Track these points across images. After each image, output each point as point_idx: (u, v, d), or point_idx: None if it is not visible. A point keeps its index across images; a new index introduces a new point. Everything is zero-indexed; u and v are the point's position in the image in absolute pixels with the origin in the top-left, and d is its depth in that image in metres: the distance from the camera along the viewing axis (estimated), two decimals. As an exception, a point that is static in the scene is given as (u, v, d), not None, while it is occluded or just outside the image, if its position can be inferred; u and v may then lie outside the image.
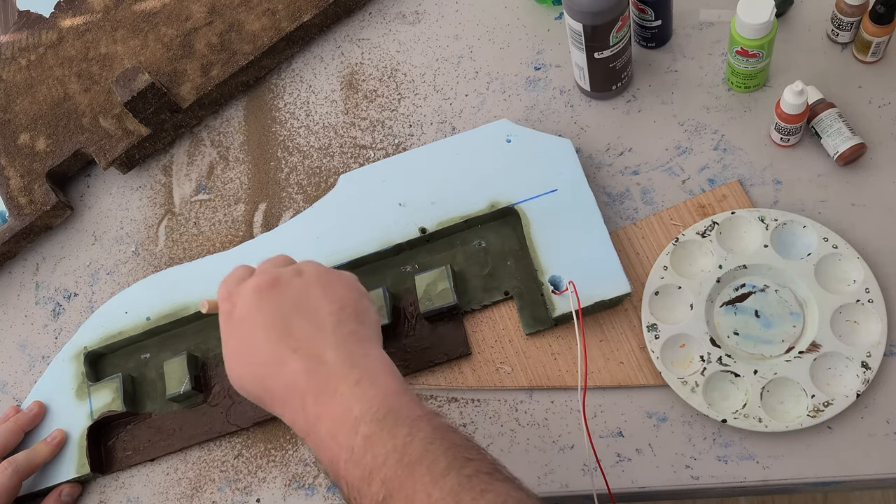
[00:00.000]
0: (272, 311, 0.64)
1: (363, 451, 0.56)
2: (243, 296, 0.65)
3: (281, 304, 0.64)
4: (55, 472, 0.82)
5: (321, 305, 0.64)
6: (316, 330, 0.63)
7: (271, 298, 0.64)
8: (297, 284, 0.65)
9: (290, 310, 0.64)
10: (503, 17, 0.92)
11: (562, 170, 0.81)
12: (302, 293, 0.65)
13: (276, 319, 0.63)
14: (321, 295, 0.65)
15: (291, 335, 0.62)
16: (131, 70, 0.87)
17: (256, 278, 0.66)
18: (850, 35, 0.82)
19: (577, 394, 0.77)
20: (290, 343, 0.62)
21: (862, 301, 0.74)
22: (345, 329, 0.63)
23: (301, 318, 0.63)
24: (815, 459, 0.72)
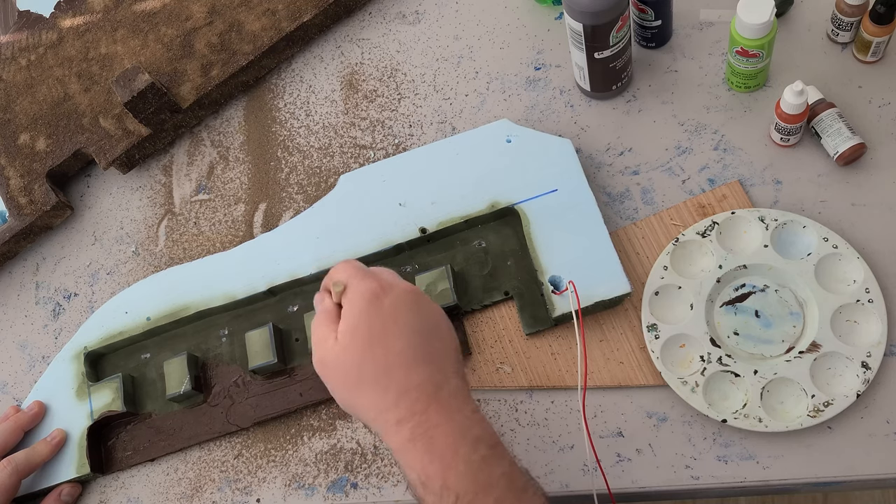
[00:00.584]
0: (421, 320, 0.66)
1: (480, 468, 0.60)
2: (396, 290, 0.66)
3: (426, 318, 0.66)
4: (55, 471, 0.82)
5: (448, 336, 0.67)
6: (446, 354, 0.66)
7: (417, 310, 0.66)
8: (434, 310, 0.68)
9: (431, 326, 0.66)
10: (503, 17, 0.92)
11: (562, 170, 0.81)
12: (439, 318, 0.68)
13: (422, 327, 0.66)
14: (447, 327, 0.68)
15: (430, 347, 0.65)
16: (131, 70, 0.87)
17: (406, 284, 0.68)
18: (850, 35, 0.82)
19: (577, 394, 0.77)
20: (428, 354, 0.65)
21: (862, 301, 0.74)
22: (460, 364, 0.67)
23: (437, 338, 0.66)
24: (815, 459, 0.72)
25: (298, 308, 0.84)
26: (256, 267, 0.85)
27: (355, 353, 0.64)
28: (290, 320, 0.83)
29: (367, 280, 0.66)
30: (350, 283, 0.66)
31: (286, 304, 0.84)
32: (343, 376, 0.65)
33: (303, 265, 0.83)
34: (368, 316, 0.65)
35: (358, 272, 0.67)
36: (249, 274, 0.84)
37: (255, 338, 0.81)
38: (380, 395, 0.63)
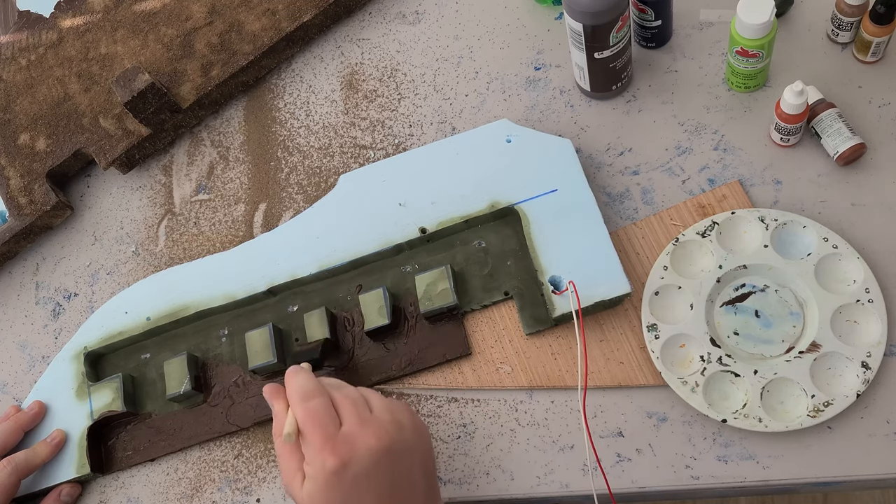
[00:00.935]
0: (388, 483, 0.61)
1: None
2: (358, 455, 0.61)
3: (393, 471, 0.62)
4: (55, 471, 0.82)
5: (417, 471, 0.63)
6: (415, 495, 0.62)
7: (387, 468, 0.61)
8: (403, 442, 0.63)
9: (399, 477, 0.62)
10: (503, 17, 0.92)
11: (562, 170, 0.81)
12: (409, 460, 0.63)
13: (385, 487, 0.61)
14: (420, 456, 0.64)
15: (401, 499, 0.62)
16: (131, 70, 0.87)
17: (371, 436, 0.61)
18: (850, 35, 0.82)
19: (577, 394, 0.77)
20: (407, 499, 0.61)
21: (862, 301, 0.74)
22: (433, 487, 0.64)
23: (406, 486, 0.62)
24: (815, 459, 0.72)
25: (298, 308, 0.84)
26: (256, 267, 0.85)
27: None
28: (290, 320, 0.83)
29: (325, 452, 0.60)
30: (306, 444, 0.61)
31: (286, 304, 0.84)
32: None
33: (303, 265, 0.83)
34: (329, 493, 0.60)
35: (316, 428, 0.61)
36: (249, 274, 0.84)
37: (255, 338, 0.81)
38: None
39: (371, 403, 0.64)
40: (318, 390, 0.63)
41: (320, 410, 0.62)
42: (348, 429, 0.61)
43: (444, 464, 0.78)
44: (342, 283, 0.84)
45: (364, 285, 0.83)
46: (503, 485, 0.76)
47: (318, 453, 0.60)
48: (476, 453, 0.78)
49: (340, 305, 0.83)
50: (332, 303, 0.83)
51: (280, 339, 0.82)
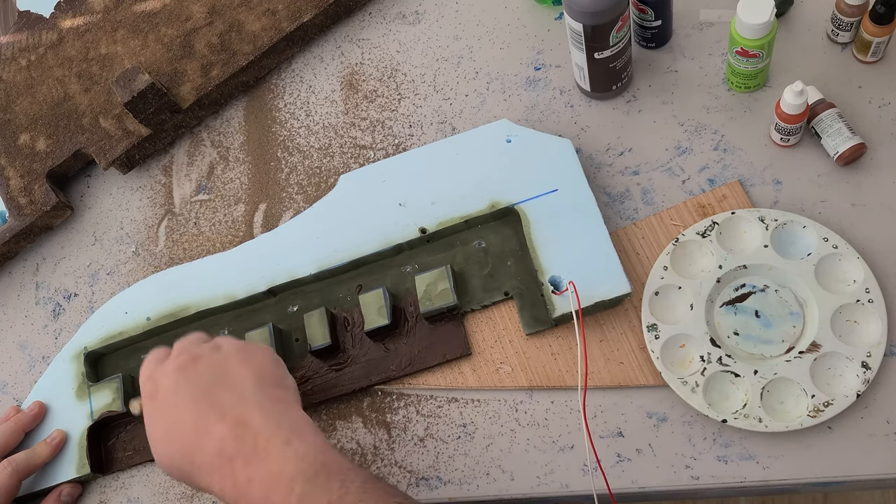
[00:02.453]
0: (194, 386, 0.66)
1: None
2: (165, 374, 0.68)
3: (202, 378, 0.67)
4: (55, 472, 0.82)
5: (242, 374, 0.67)
6: (239, 397, 0.65)
7: (193, 374, 0.67)
8: (216, 359, 0.68)
9: (212, 382, 0.66)
10: (503, 17, 0.92)
11: (562, 170, 0.81)
12: (222, 366, 0.68)
13: (198, 393, 0.66)
14: (240, 365, 0.68)
15: (216, 405, 0.65)
16: (131, 70, 0.87)
17: (176, 358, 0.69)
18: (850, 35, 0.82)
19: (577, 394, 0.77)
20: (215, 412, 0.64)
21: (862, 301, 0.74)
22: (267, 394, 0.66)
23: (224, 389, 0.66)
24: (815, 459, 0.72)
25: (298, 308, 0.84)
26: (256, 267, 0.85)
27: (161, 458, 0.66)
28: (290, 320, 0.83)
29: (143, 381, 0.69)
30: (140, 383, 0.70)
31: (286, 304, 0.84)
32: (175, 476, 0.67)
33: (303, 265, 0.83)
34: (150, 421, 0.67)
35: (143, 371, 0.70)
36: (249, 274, 0.84)
37: (254, 338, 0.81)
38: (198, 478, 0.63)
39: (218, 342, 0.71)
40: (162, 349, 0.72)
41: (151, 357, 0.71)
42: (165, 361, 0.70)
43: (444, 464, 0.78)
44: (342, 283, 0.84)
45: (364, 285, 0.83)
46: (503, 485, 0.76)
47: (143, 388, 0.69)
48: (476, 453, 0.78)
49: (340, 305, 0.83)
50: (332, 303, 0.83)
51: (280, 339, 0.82)
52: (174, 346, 0.71)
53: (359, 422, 0.80)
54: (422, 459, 0.78)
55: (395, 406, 0.80)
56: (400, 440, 0.79)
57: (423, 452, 0.78)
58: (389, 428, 0.80)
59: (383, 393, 0.81)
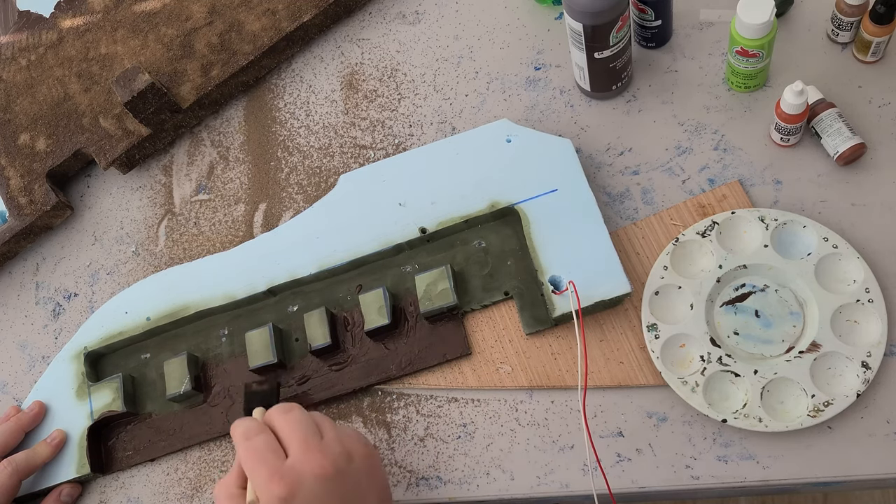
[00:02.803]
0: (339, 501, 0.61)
1: None
2: (305, 483, 0.61)
3: (343, 497, 0.62)
4: (55, 472, 0.82)
5: (370, 495, 0.63)
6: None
7: (335, 491, 0.61)
8: (352, 472, 0.63)
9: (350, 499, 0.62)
10: (503, 17, 0.92)
11: (562, 170, 0.81)
12: (357, 483, 0.63)
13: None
14: (369, 482, 0.64)
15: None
16: (131, 70, 0.87)
17: (315, 463, 0.62)
18: (850, 35, 0.82)
19: (577, 394, 0.77)
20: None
21: (862, 301, 0.74)
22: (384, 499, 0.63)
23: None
24: (815, 459, 0.72)
25: (298, 308, 0.84)
26: (256, 267, 0.85)
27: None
28: (290, 320, 0.83)
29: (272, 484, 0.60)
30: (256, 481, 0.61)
31: (286, 304, 0.84)
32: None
33: (303, 265, 0.83)
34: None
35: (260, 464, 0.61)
36: (249, 274, 0.84)
37: (255, 338, 0.81)
38: None
39: (322, 430, 0.64)
40: (259, 428, 0.64)
41: (262, 446, 0.62)
42: (294, 458, 0.61)
43: (444, 464, 0.78)
44: (342, 283, 0.84)
45: (364, 285, 0.83)
46: (503, 485, 0.76)
47: (265, 486, 0.60)
48: (476, 453, 0.78)
49: (340, 305, 0.83)
50: (332, 303, 0.83)
51: (280, 339, 0.82)
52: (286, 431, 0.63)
53: (359, 422, 0.80)
54: (422, 459, 0.78)
55: (395, 406, 0.80)
56: (400, 440, 0.79)
57: (423, 452, 0.78)
58: (389, 428, 0.80)
59: (383, 393, 0.81)
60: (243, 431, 0.64)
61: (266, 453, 0.62)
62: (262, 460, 0.61)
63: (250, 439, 0.63)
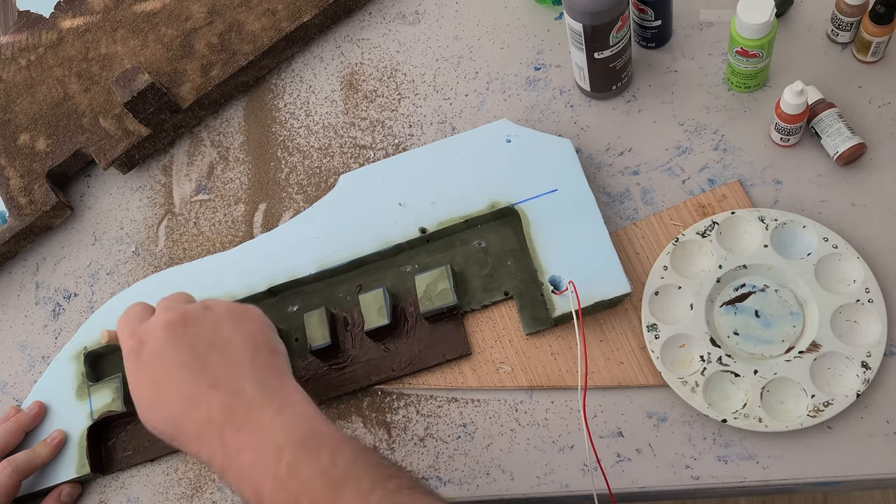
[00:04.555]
0: (185, 348, 0.64)
1: (288, 476, 0.57)
2: (152, 333, 0.65)
3: (194, 339, 0.64)
4: (55, 472, 0.82)
5: (234, 339, 0.65)
6: (232, 364, 0.64)
7: (183, 334, 0.65)
8: (208, 319, 0.66)
9: (203, 345, 0.64)
10: (503, 17, 0.92)
11: (562, 170, 0.81)
12: (214, 328, 0.65)
13: (190, 356, 0.64)
14: (233, 329, 0.65)
15: (207, 371, 0.63)
16: (131, 70, 0.87)
17: (165, 314, 0.66)
18: (850, 35, 0.82)
19: (577, 394, 0.77)
20: (207, 379, 0.63)
21: (862, 301, 0.74)
22: (260, 361, 0.65)
23: (216, 354, 0.64)
24: (815, 459, 0.72)
25: (298, 308, 0.84)
26: (256, 267, 0.85)
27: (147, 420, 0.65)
28: (290, 320, 0.83)
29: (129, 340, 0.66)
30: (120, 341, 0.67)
31: (286, 304, 0.84)
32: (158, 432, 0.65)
33: (303, 265, 0.83)
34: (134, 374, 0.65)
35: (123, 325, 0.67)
36: (249, 274, 0.84)
37: (255, 338, 0.81)
38: (185, 443, 0.63)
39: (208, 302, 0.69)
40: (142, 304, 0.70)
41: (131, 312, 0.68)
42: (150, 318, 0.67)
43: (444, 464, 0.78)
44: (342, 283, 0.84)
45: (364, 285, 0.83)
46: (503, 485, 0.76)
47: (124, 343, 0.66)
48: (476, 453, 0.78)
49: (340, 305, 0.83)
50: (332, 303, 0.83)
51: (280, 338, 0.82)
52: (158, 303, 0.68)
53: (359, 422, 0.80)
54: (422, 459, 0.78)
55: (395, 406, 0.80)
56: (400, 440, 0.79)
57: (423, 452, 0.78)
58: (389, 428, 0.80)
59: (383, 393, 0.81)
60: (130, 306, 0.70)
61: (131, 317, 0.68)
62: (126, 322, 0.68)
63: (129, 309, 0.69)
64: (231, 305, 0.69)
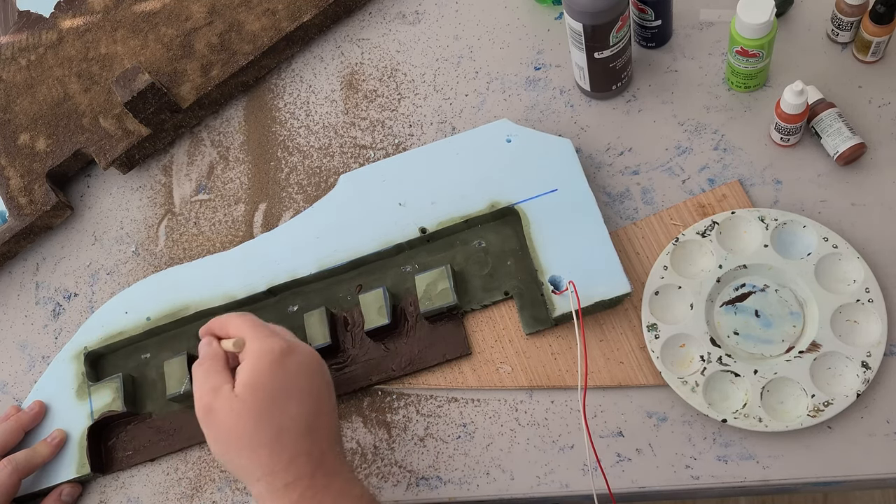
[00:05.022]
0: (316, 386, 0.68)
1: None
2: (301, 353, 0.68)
3: (320, 384, 0.68)
4: (55, 471, 0.82)
5: (331, 403, 0.69)
6: (330, 422, 0.68)
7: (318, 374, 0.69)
8: (325, 378, 0.70)
9: (322, 393, 0.68)
10: (503, 17, 0.92)
11: (562, 170, 0.81)
12: (328, 385, 0.70)
13: (317, 393, 0.68)
14: (331, 394, 0.70)
15: (319, 414, 0.67)
16: (131, 70, 0.87)
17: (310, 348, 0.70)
18: (850, 35, 0.82)
19: (577, 394, 0.77)
20: (316, 421, 0.67)
21: (862, 301, 0.74)
22: (338, 431, 0.69)
23: (326, 404, 0.68)
24: (815, 459, 0.72)
25: (298, 308, 0.84)
26: (256, 267, 0.85)
27: (254, 411, 0.65)
28: (290, 320, 0.83)
29: (274, 338, 0.67)
30: (252, 338, 0.67)
31: (286, 304, 0.84)
32: (236, 432, 0.65)
33: (303, 265, 0.83)
34: (273, 375, 0.66)
35: (259, 328, 0.68)
36: (249, 274, 0.84)
37: (255, 338, 0.81)
38: (271, 457, 0.64)
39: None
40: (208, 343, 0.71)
41: (259, 321, 0.70)
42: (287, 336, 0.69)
43: (444, 464, 0.78)
44: (342, 283, 0.84)
45: (364, 285, 0.83)
46: (503, 485, 0.76)
47: (266, 339, 0.67)
48: (476, 453, 0.78)
49: (340, 305, 0.83)
50: (332, 303, 0.83)
51: None
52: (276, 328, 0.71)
53: (359, 422, 0.80)
54: (422, 459, 0.78)
55: (395, 406, 0.80)
56: (400, 440, 0.79)
57: (423, 452, 0.78)
58: (389, 428, 0.80)
59: (383, 393, 0.81)
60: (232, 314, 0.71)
61: (251, 321, 0.70)
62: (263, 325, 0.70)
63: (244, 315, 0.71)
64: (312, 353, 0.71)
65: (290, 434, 0.64)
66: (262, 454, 0.64)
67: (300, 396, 0.66)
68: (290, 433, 0.64)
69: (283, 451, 0.64)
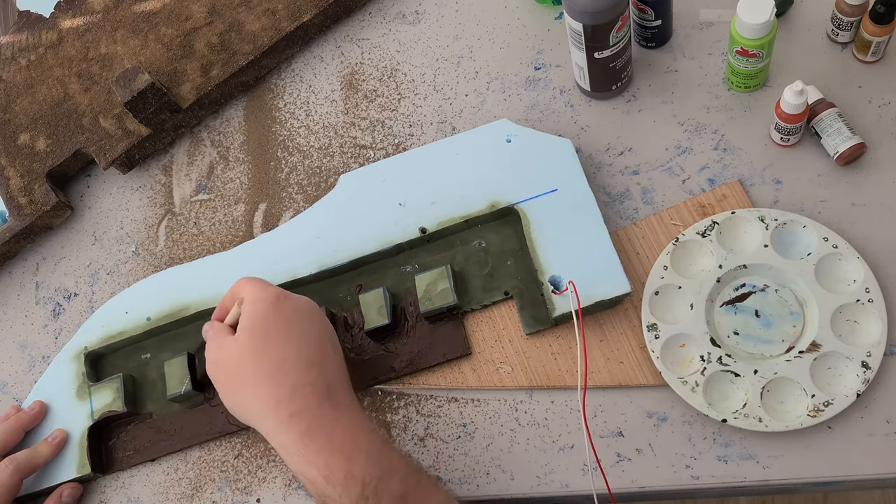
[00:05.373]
0: (316, 329, 0.71)
1: (380, 454, 0.65)
2: (296, 300, 0.72)
3: (321, 329, 0.72)
4: (56, 471, 0.82)
5: (337, 352, 0.72)
6: (336, 365, 0.71)
7: (316, 319, 0.72)
8: (327, 326, 0.73)
9: (324, 338, 0.71)
10: (503, 17, 0.92)
11: (562, 170, 0.81)
12: (331, 333, 0.73)
13: (317, 335, 0.71)
14: (337, 346, 0.73)
15: (323, 354, 0.70)
16: (131, 70, 0.87)
17: (307, 299, 0.73)
18: (850, 35, 0.82)
19: (577, 394, 0.77)
20: (320, 358, 0.69)
21: (862, 301, 0.74)
22: (347, 379, 0.71)
23: (329, 349, 0.71)
24: (815, 459, 0.72)
25: (298, 308, 0.84)
26: (256, 267, 0.85)
27: (253, 347, 0.68)
28: (290, 320, 0.83)
29: (269, 288, 0.71)
30: (249, 291, 0.71)
31: (286, 304, 0.84)
32: (239, 371, 0.68)
33: (303, 265, 0.83)
34: (267, 315, 0.69)
35: (255, 282, 0.72)
36: (249, 274, 0.84)
37: (255, 338, 0.81)
38: (275, 387, 0.66)
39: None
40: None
41: (263, 280, 0.74)
42: (286, 291, 0.73)
43: (444, 464, 0.78)
44: (342, 283, 0.84)
45: (364, 285, 0.83)
46: (503, 485, 0.76)
47: (261, 289, 0.71)
48: (476, 453, 0.78)
49: (340, 305, 0.83)
50: (332, 303, 0.83)
51: None
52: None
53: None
54: (422, 459, 0.78)
55: (395, 406, 0.80)
56: (400, 440, 0.79)
57: (423, 452, 0.78)
58: (389, 428, 0.80)
59: (383, 393, 0.81)
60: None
61: (254, 280, 0.73)
62: (261, 280, 0.73)
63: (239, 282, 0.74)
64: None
65: (292, 364, 0.67)
66: (267, 386, 0.66)
67: (299, 337, 0.69)
68: (292, 364, 0.67)
69: (286, 379, 0.66)
